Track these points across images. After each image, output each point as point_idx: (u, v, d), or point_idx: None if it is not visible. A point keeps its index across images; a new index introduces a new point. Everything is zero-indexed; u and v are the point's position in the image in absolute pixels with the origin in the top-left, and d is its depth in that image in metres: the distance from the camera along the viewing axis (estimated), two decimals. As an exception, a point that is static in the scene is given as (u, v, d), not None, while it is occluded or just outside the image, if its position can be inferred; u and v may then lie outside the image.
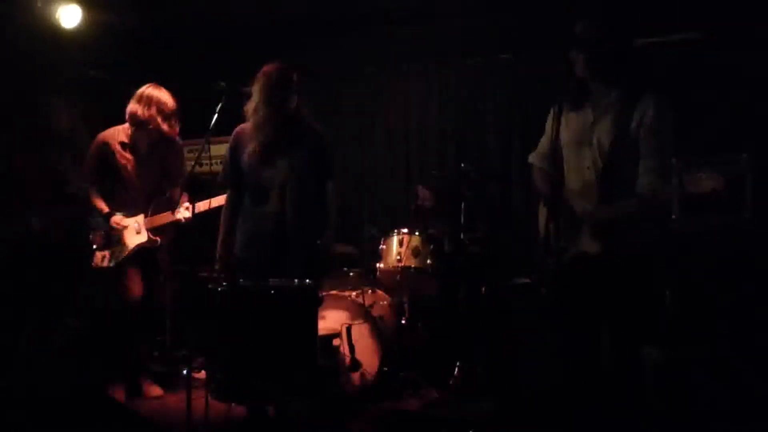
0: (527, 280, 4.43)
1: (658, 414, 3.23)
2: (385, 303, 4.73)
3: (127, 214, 4.23)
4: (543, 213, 3.04)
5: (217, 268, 3.53)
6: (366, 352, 4.20)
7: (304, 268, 3.31)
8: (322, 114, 5.63)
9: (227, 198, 3.65)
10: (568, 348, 2.89)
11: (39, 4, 4.91)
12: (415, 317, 4.87)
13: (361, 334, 4.23)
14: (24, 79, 5.08)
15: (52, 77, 5.30)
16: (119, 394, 4.12)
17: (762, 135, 4.32)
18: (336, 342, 4.11)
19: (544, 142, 3.07)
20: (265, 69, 3.44)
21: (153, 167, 4.27)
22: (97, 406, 3.28)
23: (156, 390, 4.30)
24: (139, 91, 4.19)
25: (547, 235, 2.61)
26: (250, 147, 3.45)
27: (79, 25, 5.06)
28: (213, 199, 3.85)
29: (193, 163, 3.78)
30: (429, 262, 4.66)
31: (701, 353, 3.42)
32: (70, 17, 4.99)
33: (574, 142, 2.83)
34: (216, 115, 3.37)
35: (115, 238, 4.21)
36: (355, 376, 4.18)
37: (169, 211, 4.13)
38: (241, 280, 3.24)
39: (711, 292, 3.94)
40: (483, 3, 5.39)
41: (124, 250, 4.19)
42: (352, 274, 4.87)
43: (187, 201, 4.08)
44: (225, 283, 3.19)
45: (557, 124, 2.74)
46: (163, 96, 4.18)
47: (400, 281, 4.76)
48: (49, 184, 5.10)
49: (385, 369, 4.28)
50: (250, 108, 3.45)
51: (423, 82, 5.87)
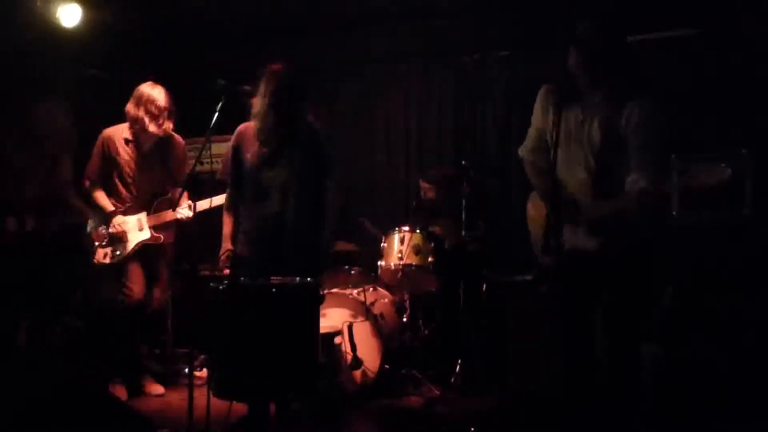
0: (528, 278, 4.43)
1: (657, 414, 3.23)
2: (386, 301, 4.74)
3: (129, 211, 4.23)
4: (533, 208, 3.04)
5: (221, 263, 3.52)
6: (367, 349, 4.20)
7: (303, 267, 3.30)
8: (322, 112, 5.68)
9: (228, 195, 3.64)
10: (567, 347, 2.88)
11: (39, 3, 4.89)
12: (416, 315, 4.88)
13: (363, 332, 4.24)
14: (22, 78, 5.07)
15: (51, 76, 5.29)
16: (121, 393, 4.13)
17: (762, 131, 4.32)
18: (337, 340, 4.11)
19: (533, 135, 3.05)
20: (274, 68, 3.37)
21: (155, 165, 4.27)
22: (98, 405, 3.27)
23: (157, 388, 4.31)
24: (136, 88, 4.20)
25: (547, 231, 2.61)
26: (254, 149, 3.42)
27: (78, 24, 5.04)
28: (214, 198, 3.84)
29: (194, 161, 3.77)
30: (430, 259, 4.66)
31: (700, 352, 3.42)
32: (70, 16, 4.98)
33: (565, 139, 2.82)
34: (217, 114, 3.35)
35: (117, 236, 4.22)
36: (357, 374, 4.19)
37: (171, 210, 4.14)
38: (242, 279, 3.24)
39: (710, 289, 3.94)
40: (482, 1, 5.39)
41: (126, 247, 4.20)
42: (353, 272, 4.88)
43: (188, 200, 4.08)
44: (226, 282, 3.19)
45: (557, 119, 2.73)
46: (155, 94, 4.15)
47: (401, 279, 4.76)
48: (43, 182, 5.09)
49: (387, 367, 4.29)
50: (255, 110, 3.41)
51: (422, 80, 5.87)
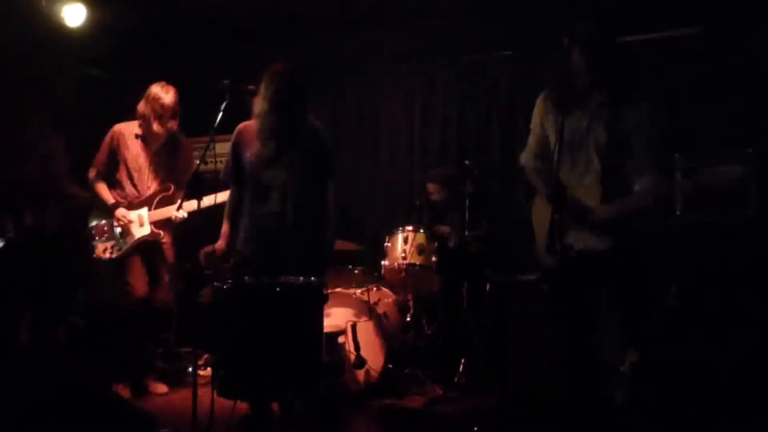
0: (530, 277, 4.42)
1: (657, 414, 3.22)
2: (389, 300, 4.74)
3: (131, 206, 4.24)
4: (537, 210, 3.04)
5: (202, 256, 3.54)
6: (371, 349, 4.21)
7: (304, 267, 3.31)
8: (325, 112, 5.68)
9: (230, 194, 3.65)
10: (568, 347, 2.89)
11: (43, 2, 4.90)
12: (420, 314, 4.87)
13: (366, 331, 4.24)
14: (24, 77, 5.07)
15: (53, 75, 5.29)
16: (124, 392, 4.13)
17: (763, 131, 4.30)
18: (341, 339, 4.12)
19: (534, 142, 3.05)
20: (276, 69, 3.39)
21: (161, 164, 4.29)
22: (101, 404, 3.28)
23: (161, 387, 4.32)
24: (149, 87, 4.23)
25: (552, 233, 2.61)
26: (254, 148, 3.42)
27: (81, 24, 5.05)
28: (218, 194, 3.85)
29: (197, 161, 3.78)
30: (434, 259, 4.66)
31: (701, 352, 3.41)
32: (74, 16, 4.99)
33: (568, 145, 2.80)
34: (221, 113, 3.36)
35: (118, 231, 4.22)
36: (360, 373, 4.19)
37: (170, 207, 4.15)
38: (246, 278, 3.24)
39: (711, 288, 3.93)
40: (485, 1, 5.39)
41: (126, 242, 4.20)
42: (356, 272, 4.88)
43: (181, 200, 4.04)
44: (230, 281, 3.20)
45: (560, 125, 2.71)
46: (163, 94, 4.18)
47: (404, 278, 4.77)
48: (42, 179, 5.08)
49: (390, 366, 4.29)
50: (256, 110, 3.41)
51: (425, 79, 5.87)
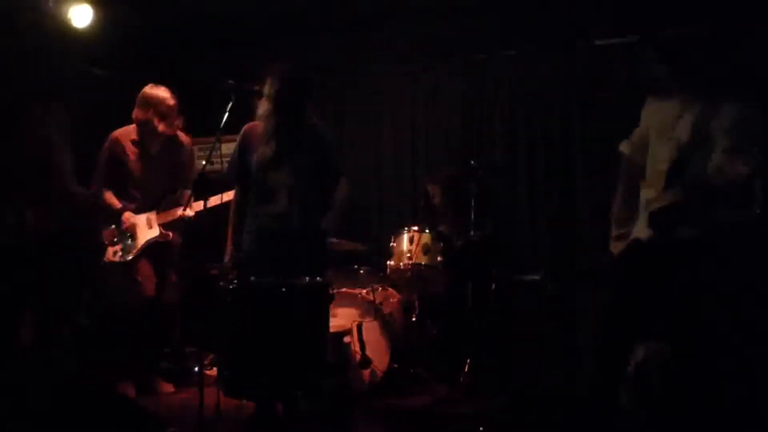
0: (536, 277, 4.43)
1: (657, 414, 3.21)
2: (395, 300, 4.74)
3: (138, 210, 4.26)
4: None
5: (227, 262, 3.54)
6: (376, 349, 4.21)
7: (310, 267, 3.32)
8: (329, 112, 5.68)
9: (234, 195, 3.67)
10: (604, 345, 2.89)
11: (51, 4, 4.91)
12: (425, 314, 4.87)
13: (372, 331, 4.25)
14: (28, 77, 5.08)
15: (59, 76, 5.29)
16: (130, 391, 4.14)
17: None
18: (347, 339, 4.12)
19: (638, 133, 3.03)
20: (279, 69, 3.41)
21: (163, 166, 4.31)
22: (107, 403, 3.29)
23: (167, 387, 4.33)
24: (139, 94, 4.23)
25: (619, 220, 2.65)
26: (260, 150, 3.45)
27: (88, 25, 5.06)
28: (225, 193, 3.86)
29: (203, 162, 3.79)
30: (439, 259, 4.66)
31: (701, 352, 3.39)
32: (81, 17, 4.99)
33: (656, 133, 2.82)
34: (227, 114, 3.37)
35: (126, 234, 4.25)
36: (365, 373, 4.20)
37: (178, 208, 4.15)
38: (252, 278, 3.25)
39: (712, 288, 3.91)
40: (489, 0, 5.39)
41: (136, 245, 4.22)
42: (362, 272, 4.88)
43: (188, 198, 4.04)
44: (236, 281, 3.21)
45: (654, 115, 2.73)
46: (161, 94, 4.19)
47: (410, 279, 4.77)
48: (44, 177, 5.09)
49: (395, 366, 4.29)
50: (261, 111, 3.44)
51: (429, 79, 5.86)
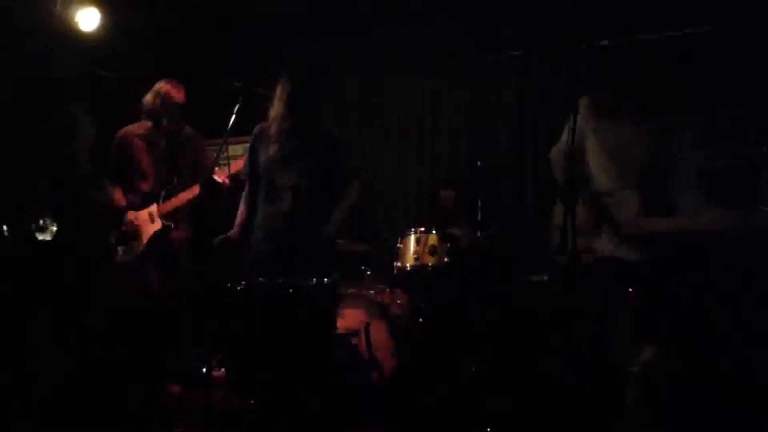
0: (543, 278, 4.42)
1: (657, 414, 3.20)
2: (402, 302, 4.74)
3: (140, 207, 4.28)
4: (557, 210, 3.04)
5: (232, 233, 3.59)
6: (383, 350, 4.21)
7: (317, 268, 3.33)
8: (335, 112, 5.69)
9: (246, 190, 3.72)
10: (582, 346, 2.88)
11: (58, 7, 4.94)
12: (432, 315, 4.87)
13: (379, 332, 4.25)
14: (36, 79, 5.10)
15: (67, 78, 5.32)
16: (138, 391, 4.16)
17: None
18: (354, 340, 4.12)
19: (565, 140, 3.02)
20: (290, 70, 3.46)
21: (170, 158, 4.32)
22: (114, 404, 3.30)
23: (175, 387, 4.34)
24: (156, 83, 4.30)
25: (564, 232, 2.60)
26: (270, 150, 3.50)
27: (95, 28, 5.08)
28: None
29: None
30: (446, 260, 4.66)
31: (700, 352, 3.38)
32: (88, 20, 5.02)
33: (609, 152, 2.81)
34: (234, 116, 3.40)
35: (131, 232, 4.27)
36: (372, 375, 4.20)
37: (183, 191, 4.14)
38: (260, 279, 3.27)
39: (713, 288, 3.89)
40: (495, 1, 5.39)
41: (140, 241, 4.24)
42: (369, 273, 4.89)
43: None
44: (244, 282, 3.22)
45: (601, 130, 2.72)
46: (172, 90, 4.25)
47: (417, 280, 4.77)
48: (64, 184, 5.12)
49: (402, 367, 4.29)
50: (272, 113, 3.48)
51: (435, 80, 5.87)
